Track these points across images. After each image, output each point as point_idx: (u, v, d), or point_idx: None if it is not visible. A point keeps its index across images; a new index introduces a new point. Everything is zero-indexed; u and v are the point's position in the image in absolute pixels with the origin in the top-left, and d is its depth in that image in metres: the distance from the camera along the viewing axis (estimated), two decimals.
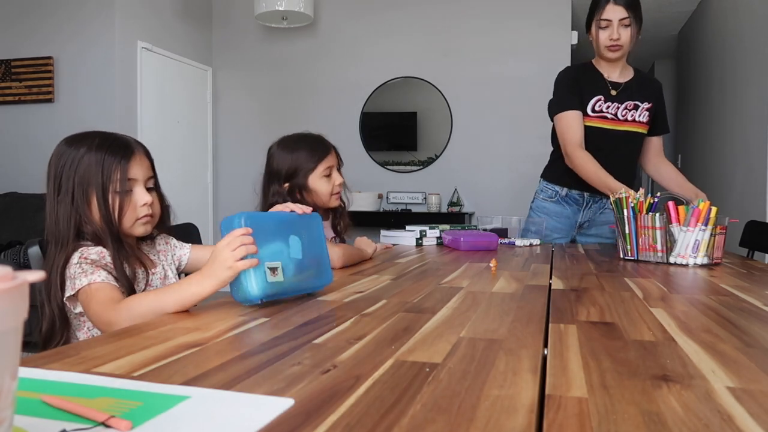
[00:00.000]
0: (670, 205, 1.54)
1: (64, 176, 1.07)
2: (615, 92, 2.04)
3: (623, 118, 2.04)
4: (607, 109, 2.04)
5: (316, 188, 1.58)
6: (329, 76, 4.99)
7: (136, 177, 1.10)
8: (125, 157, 1.08)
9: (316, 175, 1.58)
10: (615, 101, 2.04)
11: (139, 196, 1.10)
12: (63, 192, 1.06)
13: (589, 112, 2.05)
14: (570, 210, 2.15)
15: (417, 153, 4.87)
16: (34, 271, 0.32)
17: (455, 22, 4.73)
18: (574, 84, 2.07)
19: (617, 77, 2.06)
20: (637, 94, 2.05)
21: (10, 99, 4.26)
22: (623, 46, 1.97)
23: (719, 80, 4.47)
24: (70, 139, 1.11)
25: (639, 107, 2.04)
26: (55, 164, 1.08)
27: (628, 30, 1.96)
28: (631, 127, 2.06)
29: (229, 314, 0.86)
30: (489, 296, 1.02)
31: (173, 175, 4.51)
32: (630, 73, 2.09)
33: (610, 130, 2.05)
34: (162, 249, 1.23)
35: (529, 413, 0.47)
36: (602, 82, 2.06)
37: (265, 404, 0.49)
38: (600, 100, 2.04)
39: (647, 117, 2.06)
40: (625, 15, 1.93)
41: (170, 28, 4.64)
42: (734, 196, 3.95)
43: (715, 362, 0.62)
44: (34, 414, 0.47)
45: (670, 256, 1.53)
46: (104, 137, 1.10)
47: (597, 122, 2.05)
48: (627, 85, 2.06)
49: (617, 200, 1.66)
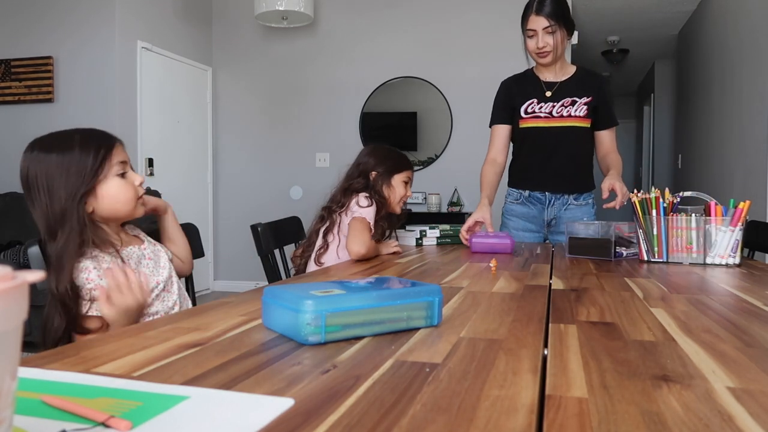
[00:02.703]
0: (711, 205, 1.53)
1: (49, 174, 1.10)
2: (550, 93, 2.13)
3: (558, 114, 2.12)
4: (540, 110, 2.14)
5: (396, 187, 1.88)
6: (329, 75, 4.99)
7: (125, 160, 1.17)
8: (114, 144, 1.16)
9: (399, 177, 1.89)
10: (550, 101, 2.13)
11: (134, 176, 1.17)
12: (51, 189, 1.09)
13: (522, 114, 2.16)
14: (536, 209, 2.21)
15: (417, 153, 4.87)
16: (34, 271, 0.32)
17: (455, 21, 4.74)
18: (502, 98, 2.22)
19: (553, 78, 2.16)
20: (576, 90, 2.12)
21: (10, 99, 4.26)
22: (551, 52, 2.06)
23: (719, 80, 4.47)
24: (46, 142, 1.13)
25: (576, 102, 2.11)
26: (40, 168, 1.11)
27: (553, 36, 2.04)
28: (567, 122, 2.12)
29: (229, 314, 0.86)
30: (489, 296, 1.02)
31: (173, 175, 4.51)
32: (570, 71, 2.17)
33: (545, 128, 2.14)
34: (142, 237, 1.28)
35: (529, 413, 0.47)
36: (538, 86, 2.16)
37: (265, 404, 0.49)
38: (533, 102, 2.15)
39: (585, 110, 2.11)
40: (547, 24, 2.02)
41: (170, 28, 4.64)
42: (734, 196, 3.94)
43: (715, 362, 0.62)
44: (34, 414, 0.47)
45: (708, 256, 1.51)
46: (85, 133, 1.15)
47: (531, 122, 2.15)
48: (563, 84, 2.14)
49: (642, 201, 1.62)
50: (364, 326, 0.71)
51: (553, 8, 2.02)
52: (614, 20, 5.64)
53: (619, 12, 5.41)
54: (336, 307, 0.69)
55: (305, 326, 0.67)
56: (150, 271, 1.20)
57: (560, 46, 2.06)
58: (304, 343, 0.68)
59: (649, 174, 7.59)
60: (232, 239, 5.16)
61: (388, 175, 1.87)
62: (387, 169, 1.87)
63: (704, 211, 1.57)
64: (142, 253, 1.22)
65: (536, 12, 2.03)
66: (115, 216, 1.16)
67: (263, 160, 5.13)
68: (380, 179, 1.86)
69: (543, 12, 2.02)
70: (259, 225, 1.85)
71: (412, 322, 0.75)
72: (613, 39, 6.21)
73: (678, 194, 1.66)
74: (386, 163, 1.88)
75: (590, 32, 5.92)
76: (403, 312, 0.75)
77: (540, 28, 2.03)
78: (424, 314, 0.77)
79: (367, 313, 0.71)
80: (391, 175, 1.87)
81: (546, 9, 2.01)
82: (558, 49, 2.06)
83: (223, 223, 5.25)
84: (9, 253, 3.42)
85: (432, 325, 0.77)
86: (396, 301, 0.74)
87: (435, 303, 0.77)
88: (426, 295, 0.77)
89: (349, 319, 0.70)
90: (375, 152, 1.92)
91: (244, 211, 5.06)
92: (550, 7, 2.01)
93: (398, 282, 0.82)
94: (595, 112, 2.12)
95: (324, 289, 0.74)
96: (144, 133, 4.27)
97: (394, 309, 0.74)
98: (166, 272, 1.23)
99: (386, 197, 1.86)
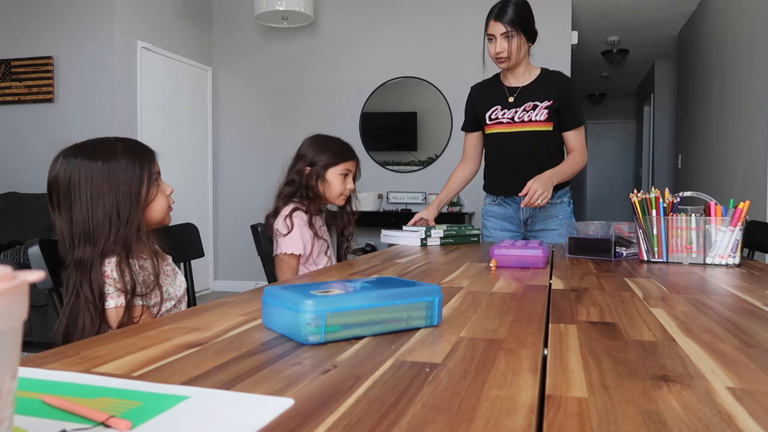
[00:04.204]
0: (711, 205, 1.52)
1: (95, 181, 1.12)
2: (512, 98, 2.19)
3: (519, 119, 2.18)
4: (503, 116, 2.20)
5: (331, 181, 1.84)
6: (329, 76, 4.99)
7: (159, 170, 1.24)
8: (155, 155, 1.22)
9: (334, 171, 1.85)
10: (513, 106, 2.19)
11: (166, 186, 1.24)
12: (95, 195, 1.12)
13: (487, 120, 2.24)
14: (512, 209, 2.27)
15: (417, 153, 4.87)
16: (34, 271, 0.32)
17: (455, 21, 4.74)
18: (470, 106, 2.33)
19: (516, 82, 2.21)
20: (537, 94, 2.17)
21: (10, 99, 4.26)
22: (510, 57, 2.11)
23: (719, 80, 4.47)
24: (90, 149, 1.16)
25: (537, 107, 2.16)
26: (83, 174, 1.13)
27: (511, 41, 2.09)
28: (528, 127, 2.17)
29: (229, 314, 0.86)
30: (489, 296, 1.02)
31: (173, 175, 4.51)
32: (533, 75, 2.21)
33: (508, 134, 2.20)
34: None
35: (529, 413, 0.47)
36: (501, 91, 2.22)
37: (265, 404, 0.49)
38: (496, 109, 2.21)
39: (546, 114, 2.15)
40: (505, 30, 2.08)
41: (170, 28, 4.64)
42: (734, 196, 3.95)
43: (715, 362, 0.62)
44: (34, 414, 0.47)
45: (708, 256, 1.52)
46: (126, 142, 1.19)
47: (495, 128, 2.23)
48: (525, 88, 2.19)
49: (642, 201, 1.62)
50: (364, 326, 0.71)
51: (512, 15, 2.07)
52: (614, 20, 5.64)
53: (619, 12, 5.41)
54: (336, 307, 0.69)
55: (305, 326, 0.67)
56: (167, 285, 1.24)
57: (516, 52, 2.11)
58: (304, 343, 0.68)
59: (649, 174, 7.59)
60: (232, 239, 5.16)
61: (322, 169, 1.84)
62: (321, 164, 1.84)
63: (704, 211, 1.57)
64: (163, 269, 1.26)
65: (495, 18, 2.09)
66: (148, 223, 1.21)
67: (263, 160, 5.13)
68: (314, 175, 1.84)
69: (502, 18, 2.07)
70: (259, 225, 1.85)
71: (412, 322, 0.75)
72: (613, 39, 6.21)
73: (678, 194, 1.66)
74: (321, 158, 1.85)
75: (590, 32, 5.92)
76: (403, 312, 0.74)
77: (498, 34, 2.09)
78: (424, 314, 0.77)
79: (367, 313, 0.71)
80: (325, 169, 1.84)
81: (505, 16, 2.07)
82: (513, 54, 2.11)
83: (223, 223, 5.25)
84: (9, 253, 3.42)
85: (432, 325, 0.77)
86: (396, 301, 0.74)
87: (435, 303, 0.77)
88: (426, 295, 0.77)
89: (349, 319, 0.70)
90: (313, 144, 1.89)
91: (244, 211, 5.06)
92: (509, 14, 2.07)
93: (398, 282, 0.82)
94: (558, 115, 2.16)
95: (324, 289, 0.74)
96: (144, 133, 4.27)
97: (394, 309, 0.74)
98: (182, 290, 1.28)
99: (321, 193, 1.84)
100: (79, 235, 1.12)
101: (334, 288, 0.76)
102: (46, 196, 1.15)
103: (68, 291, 1.11)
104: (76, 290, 1.09)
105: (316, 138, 1.92)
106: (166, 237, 1.32)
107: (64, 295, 1.13)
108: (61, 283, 1.15)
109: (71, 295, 1.10)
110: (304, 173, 1.84)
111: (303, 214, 1.81)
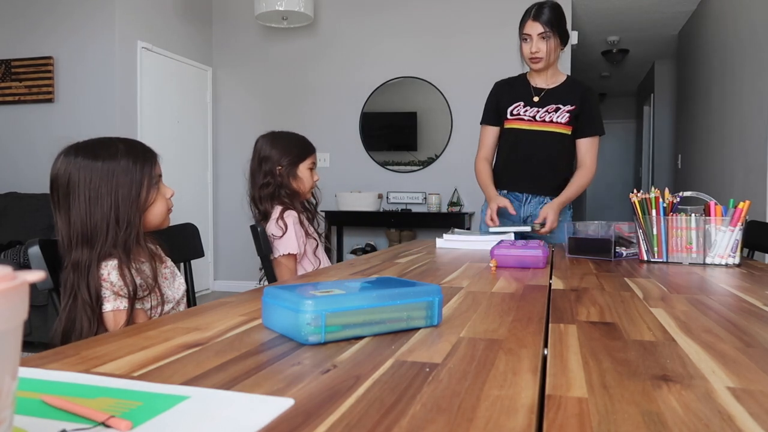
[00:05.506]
0: (711, 205, 1.52)
1: (94, 182, 1.12)
2: (537, 98, 2.21)
3: (541, 119, 2.19)
4: (525, 113, 2.21)
5: (302, 176, 1.84)
6: (329, 76, 4.99)
7: (161, 173, 1.22)
8: (156, 157, 1.21)
9: (304, 165, 1.85)
10: (536, 106, 2.20)
11: (166, 189, 1.23)
12: (94, 196, 1.11)
13: (508, 115, 2.24)
14: (514, 205, 2.27)
15: (417, 153, 4.87)
16: (34, 271, 0.32)
17: (455, 21, 4.74)
18: (493, 99, 2.29)
19: (543, 84, 2.23)
20: (561, 98, 2.19)
21: (10, 99, 4.26)
22: (543, 58, 2.13)
23: (719, 80, 4.46)
24: (91, 148, 1.15)
25: (560, 109, 2.18)
26: (83, 174, 1.12)
27: (547, 42, 2.12)
28: (548, 127, 2.19)
29: (229, 314, 0.86)
30: (489, 296, 1.02)
31: (173, 175, 4.51)
32: (560, 80, 2.24)
33: (527, 131, 2.21)
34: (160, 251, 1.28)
35: (529, 413, 0.47)
36: (527, 90, 2.23)
37: (265, 404, 0.49)
38: (519, 105, 2.22)
39: (567, 118, 2.18)
40: (542, 30, 2.10)
41: (170, 28, 4.64)
42: (734, 196, 3.95)
43: (715, 362, 0.62)
44: (34, 414, 0.47)
45: (708, 256, 1.51)
46: (128, 143, 1.18)
47: (514, 124, 2.23)
48: (551, 91, 2.21)
49: (642, 201, 1.62)
50: (364, 326, 0.71)
51: (550, 16, 2.10)
52: (614, 20, 5.64)
53: (619, 12, 5.41)
54: (336, 307, 0.69)
55: (305, 326, 0.67)
56: (166, 288, 1.23)
57: (552, 54, 2.13)
58: (304, 343, 0.68)
59: (649, 174, 7.59)
60: (232, 239, 5.16)
61: (293, 166, 1.83)
62: (291, 161, 1.83)
63: (704, 211, 1.57)
64: (161, 272, 1.25)
65: (534, 18, 2.11)
66: (147, 226, 1.20)
67: None
68: (287, 173, 1.82)
69: (540, 18, 2.10)
70: (259, 225, 1.85)
71: (412, 322, 0.75)
72: (613, 39, 6.21)
73: (678, 194, 1.66)
74: (288, 155, 1.83)
75: (590, 32, 5.92)
76: (403, 312, 0.74)
77: (535, 34, 2.11)
78: (424, 314, 0.77)
79: (367, 313, 0.71)
80: (296, 166, 1.84)
81: (543, 16, 2.09)
82: (550, 55, 2.13)
83: (223, 223, 5.25)
84: (9, 253, 3.42)
85: (432, 325, 0.77)
86: (396, 301, 0.74)
87: (435, 303, 0.77)
88: (426, 295, 0.77)
89: (349, 319, 0.70)
90: (276, 143, 1.85)
91: (244, 211, 5.05)
92: (547, 14, 2.09)
93: (398, 282, 0.82)
94: (576, 120, 2.19)
95: (324, 289, 0.74)
96: (144, 134, 4.27)
97: (394, 309, 0.74)
98: (180, 292, 1.27)
99: (296, 190, 1.84)
100: (76, 237, 1.11)
101: (334, 288, 0.76)
102: (46, 196, 1.16)
103: (66, 293, 1.10)
104: (74, 292, 1.08)
105: (273, 136, 1.88)
106: (166, 237, 1.32)
107: (62, 297, 1.12)
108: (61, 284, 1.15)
109: (69, 296, 1.09)
110: (276, 173, 1.82)
111: (293, 212, 1.82)
